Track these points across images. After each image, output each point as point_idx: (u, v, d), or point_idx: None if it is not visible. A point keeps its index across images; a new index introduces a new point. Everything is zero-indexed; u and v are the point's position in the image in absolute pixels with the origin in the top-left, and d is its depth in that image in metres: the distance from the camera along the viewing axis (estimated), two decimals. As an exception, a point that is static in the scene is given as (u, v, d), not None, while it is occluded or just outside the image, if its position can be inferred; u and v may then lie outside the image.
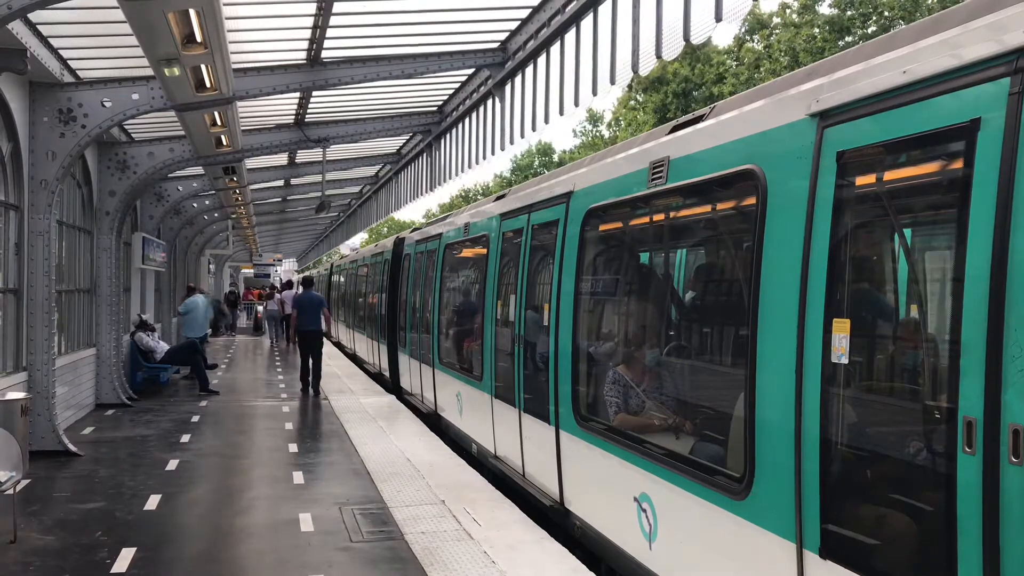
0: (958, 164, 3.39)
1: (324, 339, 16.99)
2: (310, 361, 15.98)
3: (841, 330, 3.76)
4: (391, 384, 16.93)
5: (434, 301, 12.57)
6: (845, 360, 3.75)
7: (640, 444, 5.78)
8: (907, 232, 4.02)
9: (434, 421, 12.59)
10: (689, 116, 5.85)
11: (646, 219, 6.45)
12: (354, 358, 23.87)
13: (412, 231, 16.69)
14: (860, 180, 3.96)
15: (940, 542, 3.25)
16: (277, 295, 32.05)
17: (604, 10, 10.17)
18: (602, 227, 6.97)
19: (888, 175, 3.88)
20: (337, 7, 10.34)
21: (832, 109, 4.00)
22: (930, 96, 3.45)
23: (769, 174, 4.44)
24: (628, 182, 6.14)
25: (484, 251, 9.99)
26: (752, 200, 4.61)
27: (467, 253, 11.59)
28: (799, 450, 3.97)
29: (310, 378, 16.03)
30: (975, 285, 3.15)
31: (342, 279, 29.99)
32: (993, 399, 3.03)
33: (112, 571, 6.22)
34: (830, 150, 3.97)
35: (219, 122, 12.08)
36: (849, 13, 34.40)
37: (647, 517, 5.56)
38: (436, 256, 12.74)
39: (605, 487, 6.38)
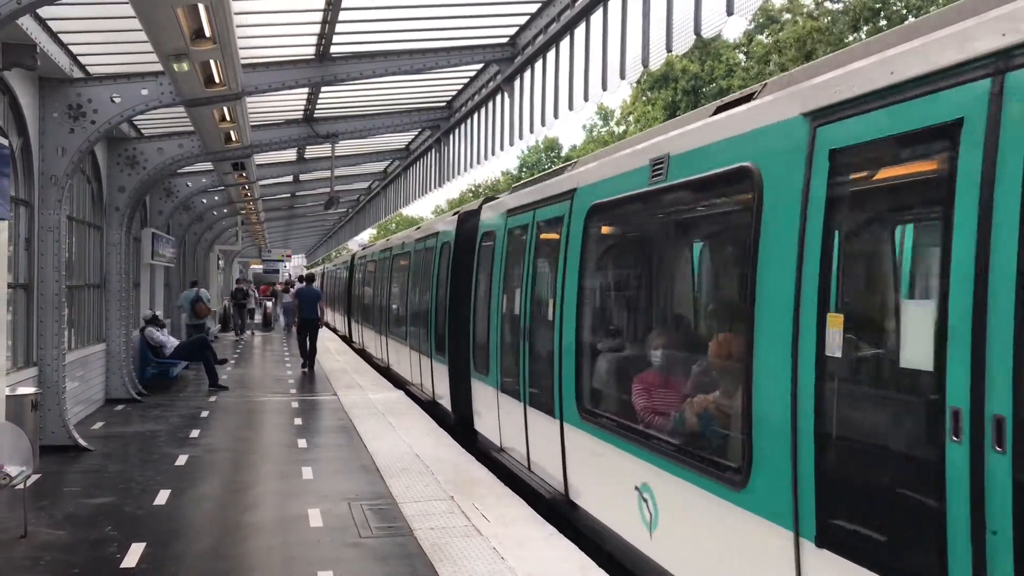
0: None
1: (323, 326, 20.74)
2: (308, 343, 19.41)
3: None
4: (453, 420, 11.95)
5: (563, 305, 7.34)
6: None
7: None
8: None
9: (563, 510, 7.56)
10: None
11: None
12: (387, 372, 18.91)
13: (485, 202, 11.37)
14: None
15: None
16: (292, 289, 32.79)
17: (614, 4, 10.11)
18: None
19: None
20: (346, 2, 10.31)
21: None
22: None
23: None
24: None
25: (728, 211, 5.68)
26: None
27: (669, 217, 6.53)
28: None
29: (307, 357, 19.40)
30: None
31: (370, 273, 23.47)
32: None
33: (122, 566, 6.23)
34: None
35: (228, 118, 12.07)
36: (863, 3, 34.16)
37: None
38: (566, 231, 7.42)
39: None
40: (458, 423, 11.67)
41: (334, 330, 33.13)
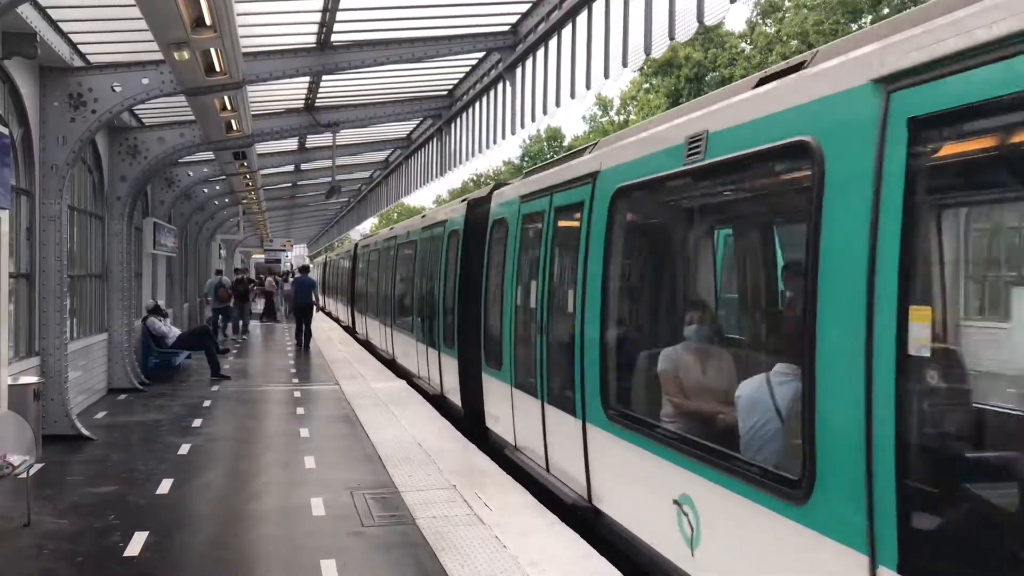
0: None
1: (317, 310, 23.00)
2: (303, 325, 22.39)
3: None
4: None
5: None
6: None
7: None
8: None
9: None
10: None
11: None
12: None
13: None
14: None
15: None
16: (291, 279, 33.28)
17: (616, -8, 10.07)
18: None
19: None
20: (347, -10, 10.28)
21: None
22: None
23: None
24: None
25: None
26: None
27: None
28: None
29: (302, 337, 22.23)
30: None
31: (522, 260, 8.81)
32: None
33: (125, 555, 6.24)
34: None
35: (229, 106, 12.02)
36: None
37: None
38: None
39: None
40: None
41: (383, 359, 19.36)
